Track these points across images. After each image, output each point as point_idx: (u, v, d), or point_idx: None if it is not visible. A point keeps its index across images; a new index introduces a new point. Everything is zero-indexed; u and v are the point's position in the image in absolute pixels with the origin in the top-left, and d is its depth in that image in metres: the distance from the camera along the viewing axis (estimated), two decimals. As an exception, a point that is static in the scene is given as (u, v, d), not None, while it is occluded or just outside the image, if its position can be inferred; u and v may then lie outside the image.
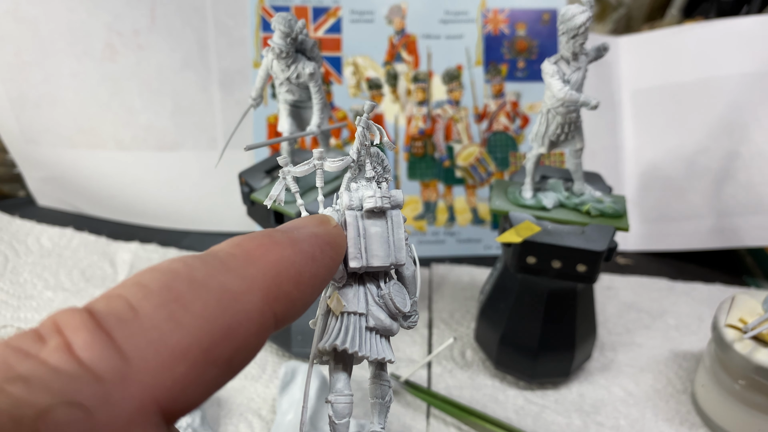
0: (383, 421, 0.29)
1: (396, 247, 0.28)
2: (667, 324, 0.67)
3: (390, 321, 0.28)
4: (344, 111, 0.75)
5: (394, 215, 0.28)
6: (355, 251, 0.27)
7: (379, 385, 0.29)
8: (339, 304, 0.27)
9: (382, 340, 0.28)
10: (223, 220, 0.80)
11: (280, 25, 0.47)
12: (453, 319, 0.67)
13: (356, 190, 0.28)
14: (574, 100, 0.48)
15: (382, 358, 0.27)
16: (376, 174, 0.28)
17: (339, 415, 0.27)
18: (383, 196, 0.27)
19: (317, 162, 0.28)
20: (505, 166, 0.77)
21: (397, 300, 0.28)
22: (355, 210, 0.28)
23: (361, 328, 0.27)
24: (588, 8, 0.46)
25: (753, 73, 0.72)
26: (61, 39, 0.72)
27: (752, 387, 0.50)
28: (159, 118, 0.75)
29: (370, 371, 0.29)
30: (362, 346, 0.27)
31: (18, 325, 0.62)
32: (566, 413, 0.56)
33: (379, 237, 0.28)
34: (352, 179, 0.29)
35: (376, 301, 0.28)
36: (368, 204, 0.27)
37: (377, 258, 0.27)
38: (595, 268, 0.49)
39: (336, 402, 0.27)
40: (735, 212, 0.74)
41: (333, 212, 0.28)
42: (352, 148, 0.28)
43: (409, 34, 0.74)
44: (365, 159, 0.28)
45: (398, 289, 0.28)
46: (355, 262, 0.27)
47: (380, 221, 0.28)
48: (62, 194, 0.81)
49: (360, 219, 0.27)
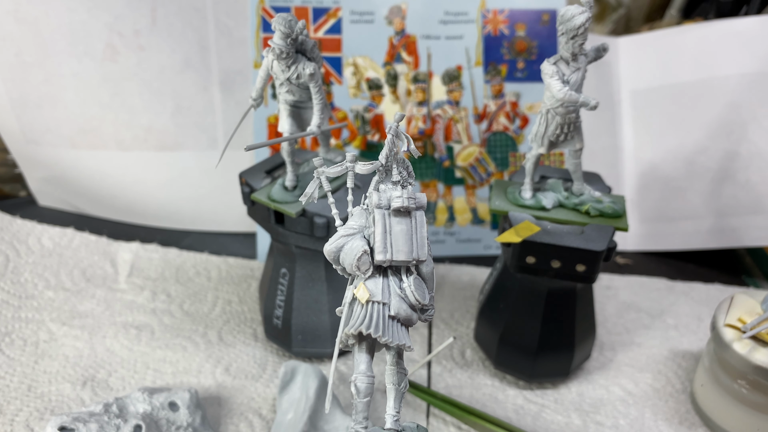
0: (398, 405, 0.32)
1: (419, 245, 0.31)
2: (667, 324, 0.67)
3: (410, 311, 0.31)
4: (344, 111, 0.75)
5: (418, 216, 0.31)
6: (382, 246, 0.30)
7: (397, 371, 0.32)
8: (365, 293, 0.30)
9: (403, 329, 0.31)
10: (224, 220, 0.80)
11: (281, 25, 0.47)
12: (453, 319, 0.67)
13: (384, 191, 0.31)
14: (573, 100, 0.48)
15: (402, 344, 0.31)
16: (402, 178, 0.31)
17: (362, 394, 0.31)
18: (409, 197, 0.30)
19: (349, 164, 0.31)
20: (504, 167, 0.77)
21: (418, 293, 0.31)
22: (383, 208, 0.31)
23: (384, 316, 0.30)
24: (587, 9, 0.46)
25: (752, 74, 0.73)
26: (62, 39, 0.72)
27: (751, 386, 0.50)
28: (160, 118, 0.75)
29: (388, 359, 0.32)
30: (386, 332, 0.30)
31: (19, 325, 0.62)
32: (565, 413, 0.56)
33: (404, 234, 0.30)
34: (380, 181, 0.32)
35: (398, 292, 0.31)
36: (396, 203, 0.30)
37: (401, 253, 0.30)
38: (594, 267, 0.49)
39: (359, 381, 0.31)
40: (734, 212, 0.74)
41: (362, 211, 0.32)
42: (381, 153, 0.31)
43: (409, 35, 0.74)
44: (392, 164, 0.31)
45: (419, 283, 0.31)
46: (381, 256, 0.30)
47: (405, 220, 0.31)
48: (63, 194, 0.82)
49: (387, 217, 0.31)
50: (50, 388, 0.56)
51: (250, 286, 0.71)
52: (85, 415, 0.47)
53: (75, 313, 0.64)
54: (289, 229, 0.54)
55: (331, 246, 0.31)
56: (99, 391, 0.56)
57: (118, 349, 0.61)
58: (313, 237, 0.53)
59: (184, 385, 0.57)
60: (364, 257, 0.30)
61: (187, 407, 0.51)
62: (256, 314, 0.67)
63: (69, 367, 0.58)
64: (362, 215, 0.32)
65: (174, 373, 0.59)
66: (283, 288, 0.58)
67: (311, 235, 0.52)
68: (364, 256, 0.30)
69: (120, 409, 0.49)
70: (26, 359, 0.59)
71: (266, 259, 0.62)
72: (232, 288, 0.70)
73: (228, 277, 0.72)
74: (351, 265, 0.30)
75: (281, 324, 0.59)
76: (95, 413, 0.48)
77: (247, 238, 0.80)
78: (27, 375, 0.57)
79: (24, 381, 0.56)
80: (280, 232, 0.54)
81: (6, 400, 0.54)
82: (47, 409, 0.54)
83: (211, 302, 0.68)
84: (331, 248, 0.31)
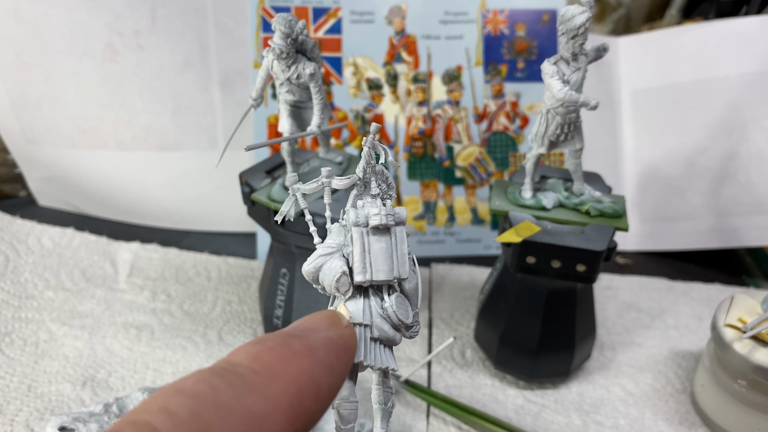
0: (386, 425, 0.31)
1: (399, 262, 0.29)
2: (667, 324, 0.67)
3: (393, 332, 0.30)
4: (344, 111, 0.75)
5: (398, 231, 0.29)
6: (361, 266, 0.29)
7: (383, 391, 0.31)
8: (346, 316, 0.29)
9: (386, 350, 0.30)
10: (224, 220, 0.80)
11: (281, 25, 0.47)
12: (453, 319, 0.67)
13: (362, 207, 0.30)
14: (573, 100, 0.48)
15: (386, 367, 0.29)
16: (381, 191, 0.30)
17: (345, 421, 0.29)
18: (388, 213, 0.29)
19: (325, 180, 0.30)
20: (504, 167, 0.77)
21: (400, 312, 0.29)
22: (360, 226, 0.29)
23: (366, 339, 0.29)
24: (587, 9, 0.46)
25: (752, 74, 0.73)
26: (62, 39, 0.72)
27: (751, 386, 0.50)
28: (159, 118, 0.75)
29: (374, 378, 0.31)
30: (368, 356, 0.28)
31: (19, 325, 0.62)
32: (566, 413, 0.56)
33: (384, 252, 0.29)
34: (357, 196, 0.30)
35: (380, 313, 0.29)
36: (374, 221, 0.29)
37: (381, 272, 0.29)
38: (594, 267, 0.49)
39: (342, 408, 0.29)
40: (734, 212, 0.74)
41: (340, 228, 0.30)
42: (359, 166, 0.29)
43: (409, 35, 0.74)
44: (371, 177, 0.30)
45: (401, 301, 0.30)
46: (360, 276, 0.28)
47: (384, 237, 0.29)
48: (63, 194, 0.82)
49: (365, 235, 0.29)
50: (50, 388, 0.56)
51: (250, 286, 0.70)
52: (85, 415, 0.47)
53: (75, 313, 0.64)
54: (289, 229, 0.54)
55: (310, 266, 0.29)
56: (99, 391, 0.56)
57: (118, 349, 0.61)
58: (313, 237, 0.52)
59: (184, 385, 0.57)
60: (343, 278, 0.29)
61: (187, 407, 0.51)
62: (256, 314, 0.66)
63: (69, 367, 0.58)
64: (340, 232, 0.30)
65: (174, 373, 0.59)
66: (283, 288, 0.58)
67: (311, 235, 0.52)
68: (343, 277, 0.29)
69: (120, 409, 0.49)
70: (26, 359, 0.59)
71: (266, 259, 0.62)
72: (232, 288, 0.70)
73: (228, 277, 0.72)
74: (330, 286, 0.29)
75: (281, 324, 0.59)
76: (95, 413, 0.47)
77: (247, 238, 0.80)
78: (27, 375, 0.57)
79: (24, 381, 0.56)
80: (280, 232, 0.54)
81: (6, 400, 0.54)
82: (47, 409, 0.54)
83: (211, 302, 0.68)
84: (310, 269, 0.29)
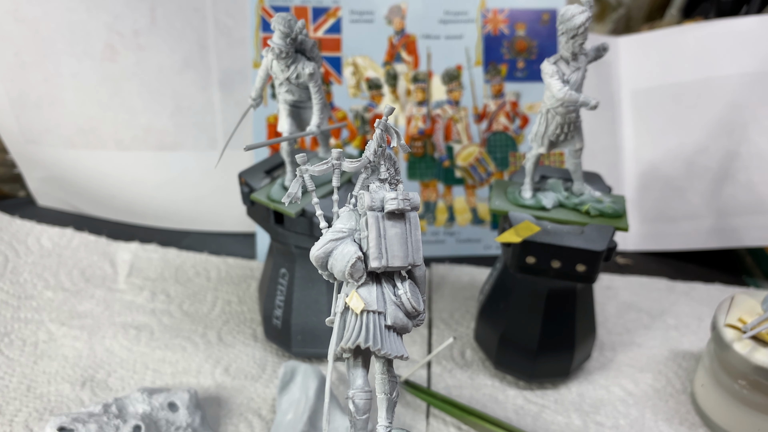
0: (391, 416, 0.30)
1: (414, 248, 0.29)
2: (667, 324, 0.67)
3: (406, 319, 0.29)
4: (344, 111, 0.75)
5: (412, 217, 0.29)
6: (377, 251, 0.28)
7: (388, 380, 0.30)
8: (359, 303, 0.28)
9: (398, 338, 0.29)
10: (223, 220, 0.80)
11: (280, 25, 0.47)
12: (453, 319, 0.67)
13: (376, 192, 0.29)
14: (573, 100, 0.48)
15: (401, 355, 0.29)
16: (389, 175, 0.29)
17: (361, 411, 0.29)
18: (404, 198, 0.28)
19: (335, 162, 0.29)
20: (504, 166, 0.77)
21: (414, 299, 0.29)
22: (376, 211, 0.28)
23: (380, 327, 0.28)
24: (587, 8, 0.46)
25: (752, 73, 0.73)
26: (62, 39, 0.72)
27: (751, 387, 0.50)
28: (159, 118, 0.75)
29: (377, 367, 0.30)
30: (384, 344, 0.28)
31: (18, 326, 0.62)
32: (566, 413, 0.56)
33: (399, 238, 0.28)
34: (366, 179, 0.29)
35: (393, 300, 0.29)
36: (390, 206, 0.28)
37: (397, 258, 0.28)
38: (594, 268, 0.49)
39: (357, 398, 0.28)
40: (734, 212, 0.74)
41: (350, 212, 0.29)
42: (369, 148, 0.28)
43: (409, 35, 0.74)
44: (380, 160, 0.29)
45: (414, 289, 0.29)
46: (377, 262, 0.28)
47: (399, 223, 0.28)
48: (62, 194, 0.81)
49: (381, 220, 0.28)
50: (49, 388, 0.56)
51: (249, 286, 0.70)
52: (85, 415, 0.47)
53: (74, 313, 0.64)
54: (288, 229, 0.54)
55: (319, 251, 0.28)
56: (98, 392, 0.56)
57: (118, 349, 0.61)
58: (313, 237, 0.52)
59: (183, 386, 0.57)
60: (358, 264, 0.28)
61: (187, 408, 0.51)
62: (255, 314, 0.66)
63: (68, 367, 0.58)
64: (350, 217, 0.29)
65: (173, 373, 0.59)
66: (283, 288, 0.58)
67: (311, 235, 0.52)
68: (358, 262, 0.28)
69: (119, 409, 0.49)
70: (25, 359, 0.59)
71: (266, 259, 0.62)
72: (232, 288, 0.70)
73: (227, 277, 0.72)
74: (342, 272, 0.28)
75: (281, 324, 0.58)
76: (94, 414, 0.47)
77: (246, 238, 0.80)
78: (26, 375, 0.57)
79: (23, 381, 0.56)
80: (280, 232, 0.54)
81: (5, 400, 0.54)
82: (46, 410, 0.54)
83: (211, 302, 0.68)
84: (319, 253, 0.28)
